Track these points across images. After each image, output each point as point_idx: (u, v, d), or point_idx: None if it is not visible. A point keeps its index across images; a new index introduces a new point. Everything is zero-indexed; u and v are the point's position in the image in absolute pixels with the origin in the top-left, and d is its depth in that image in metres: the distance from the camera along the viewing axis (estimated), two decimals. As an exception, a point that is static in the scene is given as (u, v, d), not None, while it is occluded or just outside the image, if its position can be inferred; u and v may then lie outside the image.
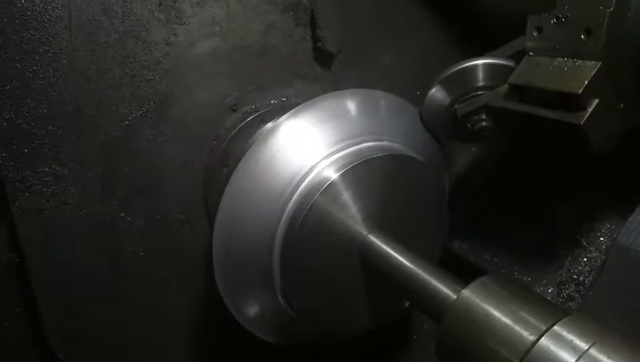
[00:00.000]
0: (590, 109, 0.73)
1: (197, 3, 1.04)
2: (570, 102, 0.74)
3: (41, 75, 0.93)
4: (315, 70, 1.19)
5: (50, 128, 0.95)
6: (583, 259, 1.04)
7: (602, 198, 1.04)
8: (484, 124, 0.93)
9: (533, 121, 0.81)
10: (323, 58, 1.18)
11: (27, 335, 1.07)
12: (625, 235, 0.85)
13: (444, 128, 1.02)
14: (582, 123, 0.73)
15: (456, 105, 0.97)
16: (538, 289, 1.06)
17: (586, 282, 1.02)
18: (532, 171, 1.18)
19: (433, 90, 0.98)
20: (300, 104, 0.92)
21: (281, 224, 0.87)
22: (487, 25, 1.27)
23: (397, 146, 0.96)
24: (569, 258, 1.05)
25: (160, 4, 1.00)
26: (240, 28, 1.09)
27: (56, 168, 0.97)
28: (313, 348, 1.17)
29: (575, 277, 1.03)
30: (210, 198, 1.09)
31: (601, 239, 1.03)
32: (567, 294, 1.03)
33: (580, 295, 1.01)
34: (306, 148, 0.89)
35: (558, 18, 0.78)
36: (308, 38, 1.16)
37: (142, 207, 1.06)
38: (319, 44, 1.15)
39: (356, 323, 0.96)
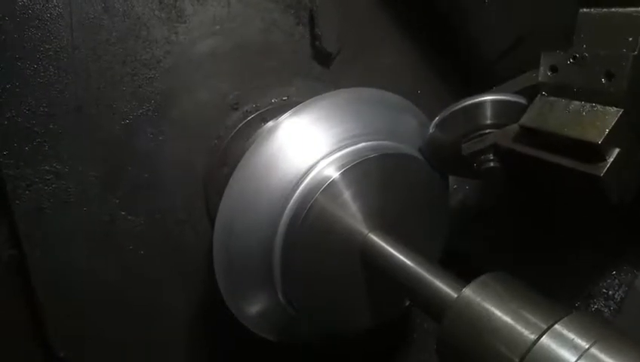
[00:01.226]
0: (611, 160, 0.67)
1: (198, 1, 1.04)
2: (589, 151, 0.67)
3: (41, 74, 0.93)
4: (316, 69, 1.19)
5: (51, 126, 0.95)
6: (612, 272, 0.98)
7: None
8: (491, 164, 0.85)
9: (546, 167, 0.75)
10: (323, 57, 1.18)
11: (27, 334, 1.07)
12: None
13: (448, 165, 0.97)
14: (602, 175, 0.67)
15: (462, 144, 0.90)
16: (564, 303, 0.99)
17: (615, 296, 0.95)
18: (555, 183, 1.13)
19: (437, 125, 0.92)
20: (300, 103, 0.92)
21: (281, 223, 0.87)
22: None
23: (398, 145, 0.96)
24: (597, 271, 0.99)
25: (161, 3, 1.00)
26: (240, 26, 1.09)
27: (57, 166, 0.97)
28: (313, 346, 1.18)
29: (604, 291, 0.98)
30: (211, 198, 1.09)
31: (633, 252, 0.97)
32: (596, 309, 0.98)
33: (610, 310, 0.95)
34: (307, 147, 0.89)
35: (575, 58, 0.71)
36: (309, 36, 1.16)
37: (142, 206, 1.06)
38: (318, 43, 1.15)
39: (356, 322, 0.96)
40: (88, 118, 0.98)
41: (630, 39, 0.66)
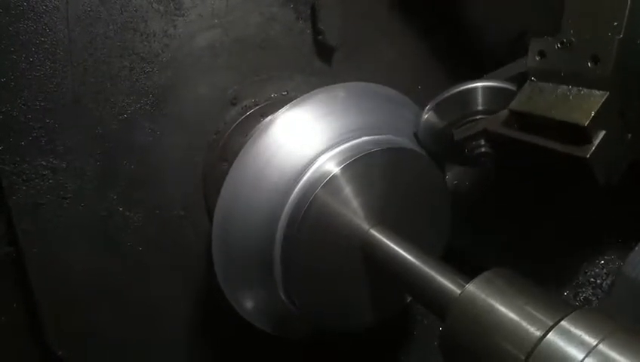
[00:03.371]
0: (597, 142, 0.69)
1: (196, -6, 1.03)
2: (576, 133, 0.70)
3: (37, 67, 0.92)
4: (316, 64, 1.18)
5: (48, 121, 0.94)
6: (600, 261, 1.01)
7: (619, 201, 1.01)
8: (482, 150, 0.88)
9: (535, 151, 0.77)
10: (323, 52, 1.17)
11: (25, 332, 1.06)
12: (630, 266, 0.83)
13: (441, 151, 0.98)
14: (588, 156, 0.69)
15: (453, 129, 0.92)
16: (554, 292, 1.02)
17: (603, 285, 0.98)
18: (547, 175, 1.15)
19: (430, 111, 0.94)
20: (299, 98, 0.91)
21: (281, 219, 0.86)
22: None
23: (398, 139, 0.95)
24: (585, 261, 1.02)
25: (159, -5, 0.99)
26: (239, 20, 1.08)
27: (54, 161, 0.96)
28: (314, 341, 1.17)
29: (592, 280, 1.00)
30: (210, 193, 1.08)
31: (619, 241, 0.99)
32: (585, 297, 1.01)
33: (598, 298, 0.98)
34: (306, 141, 0.88)
35: (562, 43, 0.73)
36: (308, 31, 1.15)
37: (141, 202, 1.05)
38: (319, 37, 1.14)
39: (357, 318, 0.95)
40: (85, 112, 0.97)
41: (615, 23, 0.67)
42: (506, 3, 1.21)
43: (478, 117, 0.89)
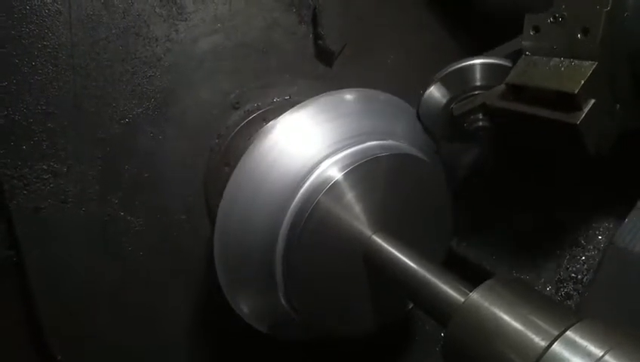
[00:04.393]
0: (586, 109, 0.73)
1: (199, -2, 1.02)
2: (567, 102, 0.74)
3: (40, 71, 0.92)
4: (318, 68, 1.18)
5: (49, 125, 0.94)
6: (581, 257, 1.04)
7: (601, 198, 1.05)
8: (480, 124, 0.93)
9: (530, 121, 0.81)
10: (326, 56, 1.17)
11: (24, 335, 1.05)
12: (621, 236, 0.85)
13: (441, 128, 1.02)
14: (578, 123, 0.73)
15: (452, 105, 0.97)
16: (536, 288, 1.05)
17: (584, 280, 1.02)
18: (532, 171, 1.18)
19: (430, 89, 0.98)
20: (302, 102, 0.90)
21: (283, 224, 0.86)
22: (489, 23, 1.26)
23: (401, 145, 0.95)
24: (567, 256, 1.06)
25: (161, 0, 0.99)
26: (242, 24, 1.08)
27: (55, 166, 0.96)
28: (315, 346, 1.17)
29: (573, 275, 1.04)
30: (212, 198, 1.08)
31: (599, 238, 1.03)
32: (566, 292, 1.04)
33: (578, 293, 1.02)
34: (309, 146, 0.88)
35: (555, 17, 0.78)
36: (311, 35, 1.15)
37: (142, 206, 1.04)
38: (320, 42, 1.14)
39: (359, 324, 0.95)
40: (87, 116, 0.97)
41: None
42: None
43: (476, 92, 0.94)
